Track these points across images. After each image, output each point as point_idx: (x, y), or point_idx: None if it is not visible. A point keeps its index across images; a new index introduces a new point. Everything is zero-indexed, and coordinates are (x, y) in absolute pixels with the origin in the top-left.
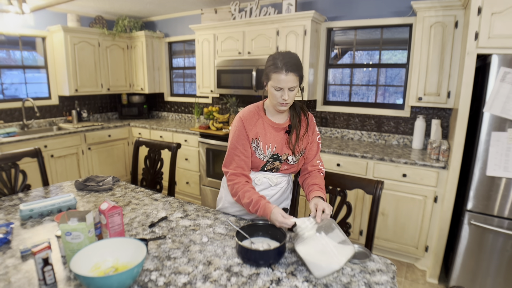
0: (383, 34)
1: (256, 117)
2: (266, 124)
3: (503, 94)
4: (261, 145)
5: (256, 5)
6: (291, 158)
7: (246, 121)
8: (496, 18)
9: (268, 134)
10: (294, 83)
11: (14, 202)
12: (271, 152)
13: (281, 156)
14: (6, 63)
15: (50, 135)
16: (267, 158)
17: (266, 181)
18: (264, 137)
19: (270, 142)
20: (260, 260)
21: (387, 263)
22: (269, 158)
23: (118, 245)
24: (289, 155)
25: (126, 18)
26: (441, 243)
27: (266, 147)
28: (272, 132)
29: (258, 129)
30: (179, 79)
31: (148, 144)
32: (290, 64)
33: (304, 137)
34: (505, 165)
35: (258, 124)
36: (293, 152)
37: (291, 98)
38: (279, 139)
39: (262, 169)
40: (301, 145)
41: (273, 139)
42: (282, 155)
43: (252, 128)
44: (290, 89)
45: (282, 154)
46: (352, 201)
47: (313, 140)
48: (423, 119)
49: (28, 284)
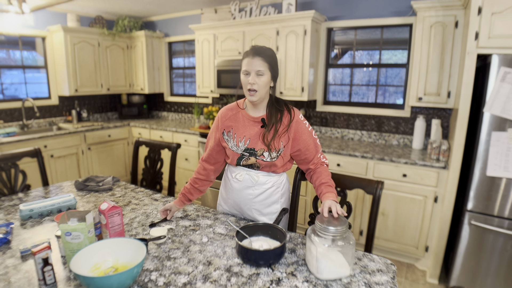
0: (383, 34)
1: (233, 111)
2: (243, 117)
3: (503, 94)
4: (234, 137)
5: (256, 5)
6: (266, 154)
7: (222, 115)
8: (496, 18)
9: (242, 127)
10: (261, 67)
11: (14, 202)
12: (244, 145)
13: (256, 152)
14: (6, 63)
15: (50, 135)
16: (241, 151)
17: (248, 178)
18: (237, 129)
19: (244, 135)
20: (260, 260)
21: (387, 263)
22: (243, 151)
23: (118, 245)
24: (265, 150)
25: (126, 18)
26: (441, 243)
27: (239, 139)
28: (247, 125)
29: (232, 122)
30: (179, 79)
31: (148, 144)
32: (259, 50)
33: (283, 135)
34: (505, 165)
35: (233, 117)
36: (269, 148)
37: (259, 85)
38: (253, 133)
39: (238, 163)
40: (278, 143)
41: (247, 132)
42: (258, 151)
43: (225, 121)
44: (257, 73)
45: (258, 149)
46: (352, 201)
47: (301, 139)
48: (423, 119)
49: (28, 284)
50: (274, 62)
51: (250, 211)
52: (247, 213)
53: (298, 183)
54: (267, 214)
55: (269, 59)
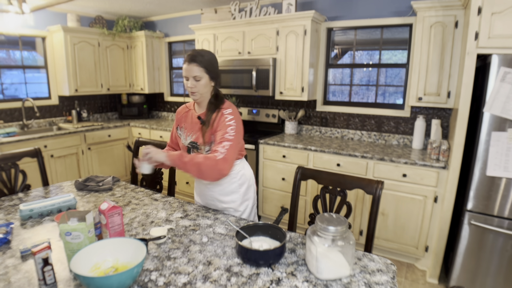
0: (383, 34)
1: (185, 110)
2: (192, 115)
3: (503, 94)
4: (184, 132)
5: (256, 5)
6: (203, 147)
7: (178, 112)
8: (496, 18)
9: (190, 124)
10: (197, 72)
11: (14, 202)
12: (191, 138)
13: (198, 145)
14: (6, 63)
15: (50, 135)
16: (187, 144)
17: None
18: (187, 125)
19: (191, 130)
20: (260, 260)
21: (387, 263)
22: (188, 144)
23: (118, 245)
24: (203, 144)
25: (126, 18)
26: (441, 243)
27: (188, 134)
28: (193, 122)
29: (183, 119)
30: (179, 79)
31: (148, 144)
32: (195, 56)
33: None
34: (505, 165)
35: (185, 115)
36: (204, 142)
37: (198, 88)
38: (197, 128)
39: None
40: (209, 136)
41: (193, 128)
42: (199, 145)
43: (180, 118)
44: (195, 78)
45: (199, 143)
46: (352, 201)
47: (217, 129)
48: (423, 119)
49: (28, 284)
50: (211, 64)
51: (212, 200)
52: (210, 202)
53: (298, 183)
54: (227, 202)
55: (205, 63)
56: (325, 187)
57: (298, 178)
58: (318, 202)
